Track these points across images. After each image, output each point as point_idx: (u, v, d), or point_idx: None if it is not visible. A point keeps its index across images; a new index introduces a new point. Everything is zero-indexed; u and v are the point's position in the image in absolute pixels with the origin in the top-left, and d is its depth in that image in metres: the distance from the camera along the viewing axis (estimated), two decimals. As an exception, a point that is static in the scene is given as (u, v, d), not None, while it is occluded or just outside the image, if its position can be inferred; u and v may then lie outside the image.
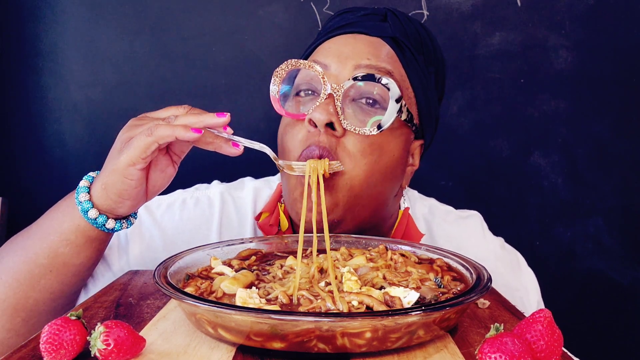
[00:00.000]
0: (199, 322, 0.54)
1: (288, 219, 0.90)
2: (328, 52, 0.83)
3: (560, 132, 1.57)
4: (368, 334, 0.49)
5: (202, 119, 0.69)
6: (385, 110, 0.79)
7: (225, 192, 0.98)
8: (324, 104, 0.77)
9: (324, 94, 0.77)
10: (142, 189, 0.75)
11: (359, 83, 0.78)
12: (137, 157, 0.69)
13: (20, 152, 1.58)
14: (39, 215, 0.83)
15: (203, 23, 1.56)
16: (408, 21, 0.87)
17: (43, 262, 0.76)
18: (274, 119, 1.55)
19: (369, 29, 0.83)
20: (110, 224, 0.76)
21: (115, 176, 0.72)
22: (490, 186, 1.58)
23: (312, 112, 0.77)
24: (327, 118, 0.76)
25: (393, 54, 0.83)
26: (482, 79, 1.56)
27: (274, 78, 0.82)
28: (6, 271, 0.77)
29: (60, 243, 0.76)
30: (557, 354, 0.46)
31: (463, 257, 0.70)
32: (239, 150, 0.71)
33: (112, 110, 1.58)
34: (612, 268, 1.59)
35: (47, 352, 0.48)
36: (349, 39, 0.83)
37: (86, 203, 0.75)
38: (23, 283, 0.76)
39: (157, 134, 0.68)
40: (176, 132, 0.67)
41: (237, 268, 0.69)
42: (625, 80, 1.55)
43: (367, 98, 0.80)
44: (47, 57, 1.57)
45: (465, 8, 1.55)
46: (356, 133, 0.77)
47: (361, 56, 0.80)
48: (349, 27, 0.84)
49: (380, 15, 0.86)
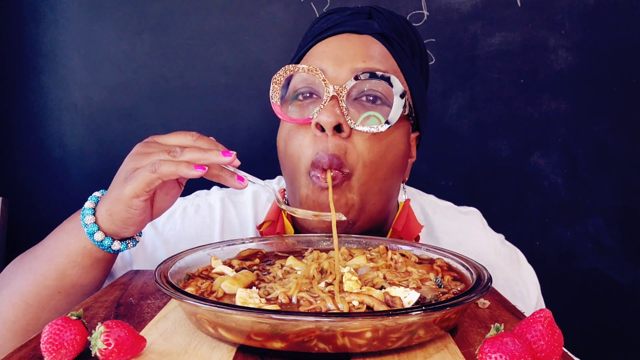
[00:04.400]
0: (199, 322, 0.54)
1: (292, 225, 0.89)
2: (323, 55, 0.82)
3: (560, 132, 1.57)
4: (368, 334, 0.49)
5: (207, 156, 0.67)
6: (386, 105, 0.79)
7: (226, 197, 0.98)
8: (329, 106, 0.76)
9: (327, 96, 0.77)
10: (147, 214, 0.75)
11: (362, 82, 0.78)
12: (140, 191, 0.69)
13: (20, 152, 1.58)
14: (39, 215, 0.84)
15: (203, 23, 1.56)
16: (392, 16, 0.87)
17: (51, 283, 0.76)
18: (273, 119, 1.56)
19: (358, 27, 0.83)
20: (117, 246, 0.76)
21: (119, 205, 0.72)
22: (490, 186, 1.58)
23: (318, 116, 0.76)
24: (335, 120, 0.76)
25: (385, 50, 0.83)
26: (482, 79, 1.56)
27: (273, 85, 0.82)
28: (15, 293, 0.78)
29: (67, 265, 0.76)
30: (558, 354, 0.46)
31: (463, 257, 0.70)
32: (244, 184, 0.71)
33: (112, 110, 1.58)
34: (612, 268, 1.59)
35: (48, 352, 0.48)
36: (342, 40, 0.83)
37: (92, 226, 0.74)
38: (32, 305, 0.76)
39: (161, 171, 0.67)
40: (180, 170, 0.67)
41: (238, 268, 0.69)
42: (625, 80, 1.55)
43: (367, 96, 0.80)
44: (47, 57, 1.57)
45: (465, 8, 1.55)
46: (363, 132, 0.77)
47: (356, 58, 0.80)
48: (339, 27, 0.83)
49: (365, 14, 0.86)
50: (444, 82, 1.56)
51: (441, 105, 1.57)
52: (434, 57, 1.56)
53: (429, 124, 1.58)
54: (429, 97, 1.56)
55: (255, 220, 0.96)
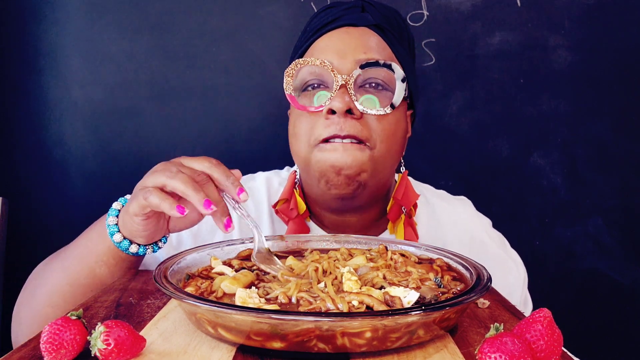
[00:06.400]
0: (199, 321, 0.54)
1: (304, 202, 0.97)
2: (327, 49, 0.89)
3: (560, 132, 1.57)
4: (368, 334, 0.49)
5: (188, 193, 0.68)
6: (387, 90, 0.88)
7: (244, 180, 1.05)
8: (339, 94, 0.83)
9: (336, 85, 0.84)
10: (156, 230, 0.78)
11: (366, 70, 0.86)
12: (137, 211, 0.73)
13: (20, 152, 1.59)
14: (39, 215, 0.85)
15: (203, 23, 1.56)
16: (382, 7, 0.95)
17: (84, 282, 0.80)
18: (273, 118, 1.56)
19: (354, 20, 0.90)
20: (134, 249, 0.79)
21: (126, 217, 0.77)
22: (490, 186, 1.58)
23: (330, 103, 0.84)
24: (346, 105, 0.83)
25: (380, 40, 0.91)
26: (482, 79, 1.56)
27: (286, 78, 0.89)
28: (53, 292, 0.82)
29: (96, 264, 0.80)
30: (557, 353, 0.46)
31: (463, 257, 0.70)
32: (228, 230, 0.71)
33: (112, 110, 1.58)
34: (612, 268, 1.59)
35: (48, 352, 0.48)
36: (342, 34, 0.90)
37: (113, 227, 0.79)
38: (70, 302, 0.81)
39: (149, 201, 0.70)
40: (162, 206, 0.69)
41: (237, 268, 0.69)
42: (625, 80, 1.55)
43: (371, 83, 0.88)
44: (47, 57, 1.57)
45: (465, 8, 1.55)
46: (372, 114, 0.85)
47: (358, 50, 0.87)
48: (337, 21, 0.91)
49: (359, 7, 0.93)
50: (443, 82, 1.57)
51: (441, 105, 1.57)
52: (434, 57, 1.56)
53: (429, 124, 1.58)
54: (429, 97, 1.57)
55: (269, 201, 1.03)
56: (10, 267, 1.39)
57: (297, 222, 0.94)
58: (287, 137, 0.95)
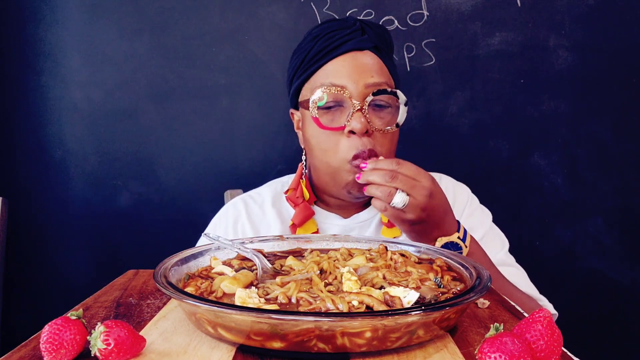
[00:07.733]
0: (199, 321, 0.54)
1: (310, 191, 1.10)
2: (338, 74, 0.99)
3: (560, 132, 1.57)
4: (368, 334, 0.49)
5: None
6: (391, 107, 1.01)
7: (246, 195, 1.18)
8: (357, 116, 0.96)
9: (353, 109, 0.96)
10: None
11: (377, 97, 0.98)
12: None
13: (20, 152, 1.59)
14: (39, 215, 0.84)
15: (203, 23, 1.56)
16: (375, 26, 1.05)
17: None
18: (273, 118, 1.56)
19: (359, 45, 1.00)
20: None
21: None
22: (490, 186, 1.58)
23: (351, 124, 0.97)
24: (365, 128, 0.96)
25: (379, 61, 1.01)
26: (482, 79, 1.56)
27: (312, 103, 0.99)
28: None
29: None
30: (557, 353, 0.46)
31: (463, 257, 0.70)
32: None
33: (112, 110, 1.58)
34: (612, 268, 1.59)
35: (48, 351, 0.48)
36: (350, 59, 1.00)
37: None
38: None
39: None
40: None
41: (237, 268, 0.69)
42: (625, 80, 1.55)
43: (379, 105, 1.00)
44: (47, 58, 1.57)
45: (465, 8, 1.55)
46: (381, 131, 0.99)
47: (365, 74, 0.99)
48: (343, 47, 1.00)
49: (358, 30, 1.02)
50: (444, 82, 1.57)
51: (441, 105, 1.57)
52: (434, 57, 1.56)
53: (429, 124, 1.58)
54: (429, 97, 1.57)
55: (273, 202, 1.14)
56: (10, 267, 1.39)
57: (303, 207, 1.08)
58: (286, 137, 0.97)
